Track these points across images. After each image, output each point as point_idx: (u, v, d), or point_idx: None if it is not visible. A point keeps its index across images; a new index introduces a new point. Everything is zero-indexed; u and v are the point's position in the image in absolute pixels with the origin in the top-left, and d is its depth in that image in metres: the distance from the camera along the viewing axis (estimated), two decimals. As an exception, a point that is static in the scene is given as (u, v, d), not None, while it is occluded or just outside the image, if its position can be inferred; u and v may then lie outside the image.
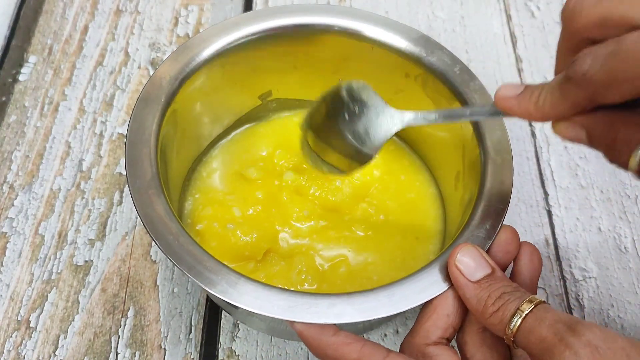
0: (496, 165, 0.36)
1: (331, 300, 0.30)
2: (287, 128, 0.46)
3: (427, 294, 0.31)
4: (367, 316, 0.30)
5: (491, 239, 0.33)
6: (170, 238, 0.32)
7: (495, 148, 0.36)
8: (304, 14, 0.41)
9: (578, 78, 0.25)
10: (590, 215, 0.47)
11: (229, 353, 0.41)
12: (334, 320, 0.30)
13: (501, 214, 0.34)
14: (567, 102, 0.26)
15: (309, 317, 0.30)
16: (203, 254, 0.32)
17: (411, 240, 0.42)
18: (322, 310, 0.30)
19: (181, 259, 0.31)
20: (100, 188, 0.47)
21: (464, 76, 0.39)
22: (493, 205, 0.34)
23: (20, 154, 0.48)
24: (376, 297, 0.31)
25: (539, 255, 0.33)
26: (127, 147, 0.35)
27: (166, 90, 0.37)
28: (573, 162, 0.50)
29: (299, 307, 0.30)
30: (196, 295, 0.43)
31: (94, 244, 0.44)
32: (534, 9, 0.59)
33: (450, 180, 0.42)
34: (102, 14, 0.57)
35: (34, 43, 0.55)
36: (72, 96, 0.52)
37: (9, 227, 0.45)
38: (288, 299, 0.30)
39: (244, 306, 0.30)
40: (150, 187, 0.34)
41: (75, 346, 0.40)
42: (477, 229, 0.33)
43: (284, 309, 0.30)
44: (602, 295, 0.44)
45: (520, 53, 0.56)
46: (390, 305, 0.31)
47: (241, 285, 0.31)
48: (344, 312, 0.30)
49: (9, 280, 0.43)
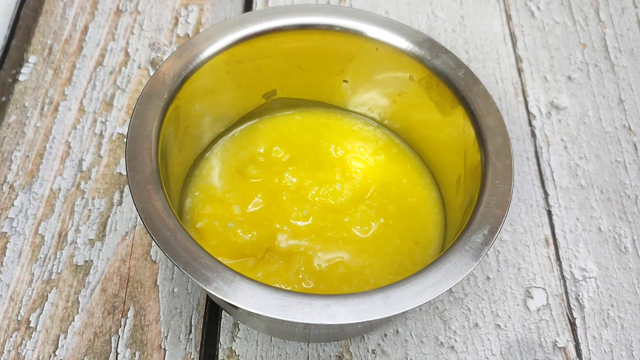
0: (497, 171, 0.36)
1: (326, 301, 0.30)
2: (288, 126, 0.46)
3: (423, 297, 0.31)
4: (361, 318, 0.30)
5: (489, 244, 0.33)
6: (168, 234, 0.32)
7: (497, 153, 0.36)
8: (309, 14, 0.41)
9: None
10: (590, 215, 0.47)
11: (229, 353, 0.41)
12: (328, 321, 0.30)
13: (499, 219, 0.34)
14: None
15: (303, 317, 0.30)
16: (200, 250, 0.32)
17: (410, 244, 0.42)
18: (316, 310, 0.30)
19: (178, 255, 0.31)
20: (100, 188, 0.47)
21: (468, 80, 0.39)
22: (492, 210, 0.34)
23: (20, 154, 0.48)
24: (371, 299, 0.31)
25: None
26: (128, 142, 0.35)
27: (169, 87, 0.37)
28: (573, 162, 0.50)
29: (294, 307, 0.30)
30: (196, 295, 0.43)
31: (94, 244, 0.44)
32: (534, 9, 0.59)
33: (451, 184, 0.42)
34: (102, 14, 0.57)
35: (34, 43, 0.55)
36: (72, 96, 0.52)
37: (9, 227, 0.45)
38: (283, 298, 0.30)
39: (238, 304, 0.30)
40: (150, 182, 0.34)
41: (75, 346, 0.40)
42: (475, 234, 0.33)
43: (278, 308, 0.30)
44: (602, 295, 0.44)
45: (520, 53, 0.56)
46: (385, 307, 0.31)
47: (236, 284, 0.31)
48: (338, 312, 0.30)
49: (9, 280, 0.43)
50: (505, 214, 0.34)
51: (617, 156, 0.50)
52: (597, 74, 0.55)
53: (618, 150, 0.51)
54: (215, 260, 0.32)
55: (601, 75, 0.55)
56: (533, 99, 0.53)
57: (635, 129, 0.52)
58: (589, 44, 0.57)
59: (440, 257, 0.33)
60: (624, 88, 0.54)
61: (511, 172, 0.36)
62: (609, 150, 0.51)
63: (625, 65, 0.56)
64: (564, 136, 0.51)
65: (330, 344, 0.41)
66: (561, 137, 0.51)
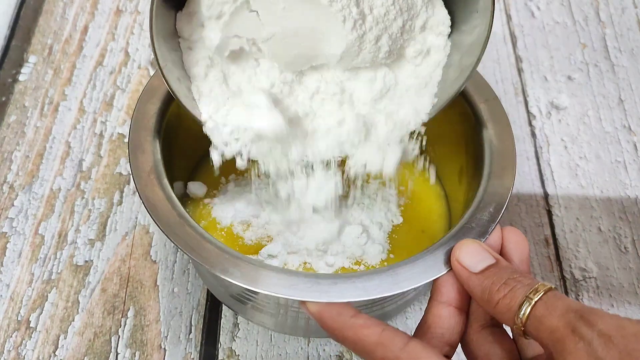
0: (499, 152, 0.36)
1: (334, 279, 0.30)
2: None
3: (430, 274, 0.31)
4: (368, 295, 0.30)
5: (495, 221, 0.33)
6: (172, 220, 0.32)
7: (498, 136, 0.37)
8: None
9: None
10: (590, 215, 0.47)
11: (229, 353, 0.41)
12: (336, 299, 0.29)
13: (504, 197, 0.34)
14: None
15: (311, 295, 0.29)
16: (204, 236, 0.32)
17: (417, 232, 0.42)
18: (324, 288, 0.29)
19: (181, 240, 0.31)
20: (100, 188, 0.47)
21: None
22: (496, 190, 0.34)
23: (20, 154, 0.48)
24: (379, 276, 0.30)
25: (522, 236, 0.32)
26: (131, 134, 0.35)
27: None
28: (573, 162, 0.50)
29: (301, 286, 0.30)
30: (196, 295, 0.43)
31: (94, 244, 0.44)
32: (534, 9, 0.59)
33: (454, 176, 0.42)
34: (102, 14, 0.57)
35: (34, 43, 0.55)
36: (72, 96, 0.52)
37: (9, 227, 0.45)
38: (289, 278, 0.30)
39: (246, 285, 0.30)
40: (152, 172, 0.34)
41: (75, 346, 0.40)
42: (481, 212, 0.33)
43: (286, 287, 0.30)
44: (602, 295, 0.44)
45: (520, 53, 0.56)
46: (394, 284, 0.30)
47: (242, 266, 0.31)
48: (347, 290, 0.30)
49: (9, 280, 0.43)
50: (509, 192, 0.34)
51: (617, 156, 0.50)
52: (597, 74, 0.55)
53: (618, 150, 0.51)
54: (221, 245, 0.32)
55: (601, 75, 0.55)
56: (533, 99, 0.53)
57: (635, 129, 0.52)
58: (589, 44, 0.57)
59: (447, 235, 0.32)
60: (624, 88, 0.54)
61: (514, 152, 0.36)
62: (609, 150, 0.51)
63: (625, 65, 0.56)
64: (564, 136, 0.51)
65: (330, 343, 0.41)
66: (561, 137, 0.51)
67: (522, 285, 0.27)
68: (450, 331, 0.30)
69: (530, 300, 0.26)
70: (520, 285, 0.27)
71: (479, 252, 0.30)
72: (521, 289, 0.27)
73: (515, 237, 0.32)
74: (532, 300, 0.26)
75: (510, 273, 0.28)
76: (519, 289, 0.27)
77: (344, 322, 0.28)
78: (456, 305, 0.30)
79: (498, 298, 0.27)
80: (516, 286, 0.27)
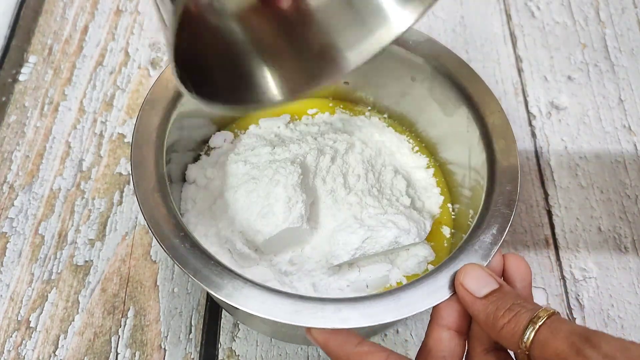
0: (502, 170, 0.36)
1: (337, 305, 0.30)
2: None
3: (434, 299, 0.31)
4: (373, 321, 0.30)
5: (497, 244, 0.33)
6: (176, 241, 0.32)
7: (502, 152, 0.36)
8: None
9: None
10: (590, 215, 0.47)
11: (229, 353, 0.41)
12: (340, 325, 0.30)
13: (507, 218, 0.34)
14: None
15: (315, 321, 0.30)
16: (209, 257, 0.32)
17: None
18: (327, 314, 0.30)
19: (187, 262, 0.31)
20: (100, 188, 0.47)
21: (470, 79, 0.39)
22: (499, 209, 0.34)
23: (20, 154, 0.48)
24: (382, 302, 0.31)
25: (525, 262, 0.32)
26: (133, 150, 0.35)
27: (172, 93, 0.37)
28: (573, 162, 0.50)
29: (305, 312, 0.30)
30: (196, 295, 0.43)
31: (94, 244, 0.44)
32: (534, 9, 0.59)
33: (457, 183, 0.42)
34: (102, 14, 0.57)
35: (34, 43, 0.55)
36: (72, 96, 0.52)
37: (9, 227, 0.45)
38: (295, 303, 0.30)
39: (251, 310, 0.30)
40: (156, 190, 0.34)
41: (75, 346, 0.40)
42: (483, 233, 0.33)
43: (290, 313, 0.30)
44: (602, 295, 0.44)
45: (520, 53, 0.56)
46: (396, 310, 0.30)
47: (247, 290, 0.30)
48: (350, 317, 0.30)
49: (9, 280, 0.43)
50: (512, 213, 0.34)
51: (617, 156, 0.50)
52: (597, 74, 0.55)
53: (618, 150, 0.51)
54: (225, 266, 0.31)
55: (601, 75, 0.55)
56: (533, 99, 0.53)
57: (635, 129, 0.52)
58: (589, 44, 0.57)
59: (450, 258, 0.32)
60: (624, 88, 0.54)
61: (517, 171, 0.36)
62: (609, 150, 0.51)
63: (625, 65, 0.56)
64: (564, 136, 0.51)
65: (330, 344, 0.41)
66: (561, 137, 0.51)
67: (526, 310, 0.27)
68: (451, 354, 0.30)
69: (534, 324, 0.27)
70: (524, 310, 0.27)
71: (483, 277, 0.30)
72: (525, 314, 0.27)
73: (517, 263, 0.32)
74: (536, 324, 0.27)
75: (514, 298, 0.29)
76: (523, 314, 0.27)
77: (350, 350, 0.29)
78: (456, 329, 0.31)
79: (503, 323, 0.28)
80: (520, 311, 0.28)
